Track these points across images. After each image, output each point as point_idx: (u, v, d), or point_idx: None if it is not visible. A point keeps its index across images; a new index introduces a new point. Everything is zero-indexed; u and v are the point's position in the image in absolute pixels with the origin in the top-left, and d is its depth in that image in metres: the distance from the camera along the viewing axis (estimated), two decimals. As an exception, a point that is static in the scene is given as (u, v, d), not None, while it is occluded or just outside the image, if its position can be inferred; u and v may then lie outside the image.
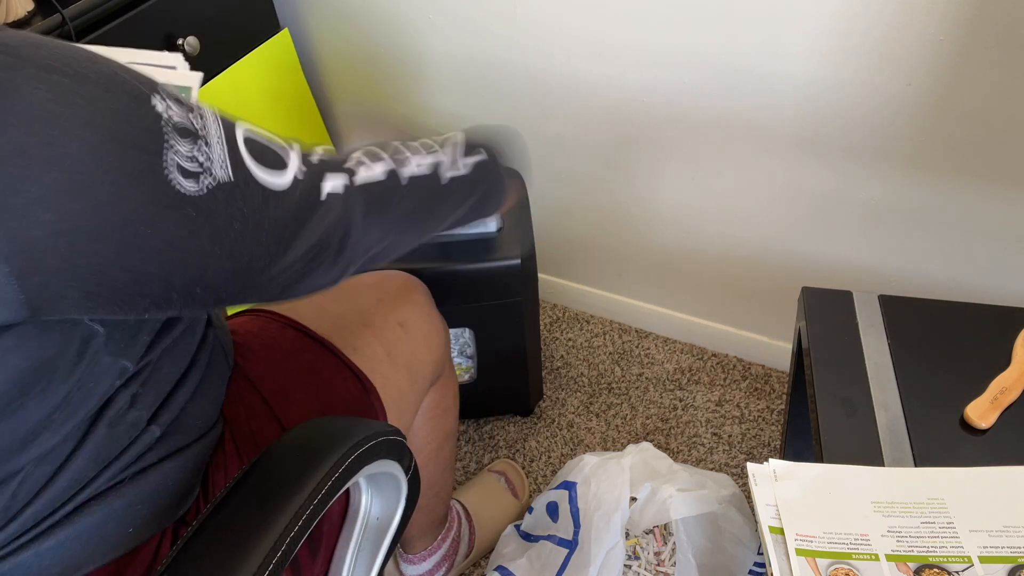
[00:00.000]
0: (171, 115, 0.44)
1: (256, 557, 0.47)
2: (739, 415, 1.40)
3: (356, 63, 1.43)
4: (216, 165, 0.46)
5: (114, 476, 0.56)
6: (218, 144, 0.47)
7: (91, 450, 0.53)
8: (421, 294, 0.93)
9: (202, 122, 0.46)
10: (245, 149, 0.49)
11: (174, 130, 0.44)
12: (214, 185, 0.46)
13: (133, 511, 0.57)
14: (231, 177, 0.47)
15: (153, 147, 0.42)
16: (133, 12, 1.08)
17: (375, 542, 0.69)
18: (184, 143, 0.44)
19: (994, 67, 0.92)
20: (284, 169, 0.52)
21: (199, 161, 0.45)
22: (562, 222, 1.47)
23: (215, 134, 0.47)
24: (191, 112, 0.46)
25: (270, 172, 0.51)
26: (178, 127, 0.44)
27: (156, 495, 0.59)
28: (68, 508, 0.53)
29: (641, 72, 1.15)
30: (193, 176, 0.44)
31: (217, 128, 0.47)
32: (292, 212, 0.52)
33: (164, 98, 0.44)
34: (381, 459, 0.62)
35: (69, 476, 0.52)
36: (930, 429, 0.72)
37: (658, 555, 1.00)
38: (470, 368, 1.29)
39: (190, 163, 0.44)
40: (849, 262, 1.22)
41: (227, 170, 0.47)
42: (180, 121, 0.44)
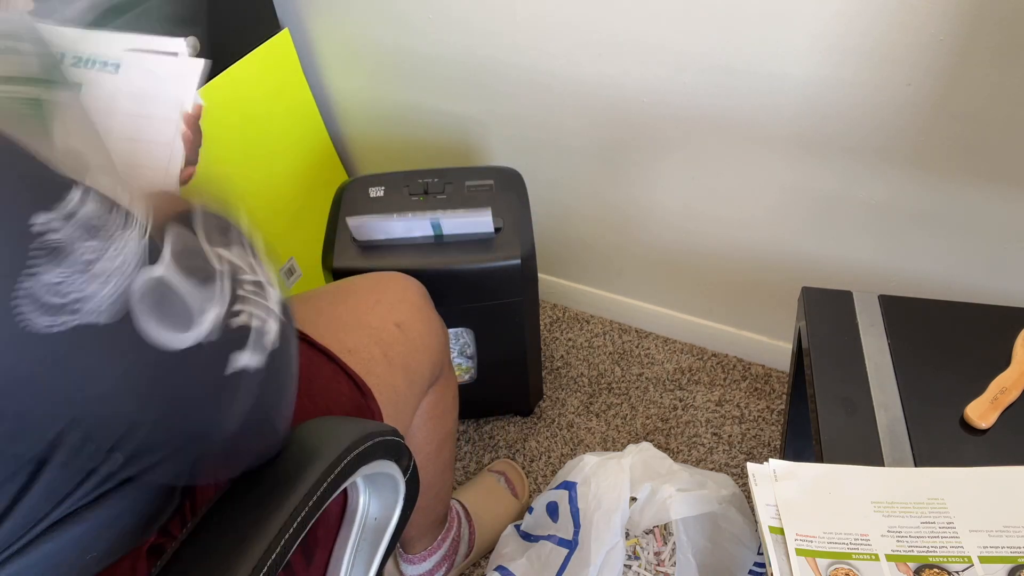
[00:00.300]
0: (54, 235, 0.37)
1: (251, 559, 0.46)
2: (739, 415, 1.40)
3: (356, 63, 1.43)
4: (90, 303, 0.39)
5: (72, 504, 0.51)
6: (104, 282, 0.40)
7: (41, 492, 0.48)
8: (418, 295, 0.92)
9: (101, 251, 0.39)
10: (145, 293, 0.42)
11: (48, 253, 0.37)
12: (74, 326, 0.38)
13: (93, 536, 0.53)
14: (105, 320, 0.40)
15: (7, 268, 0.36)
16: (133, 12, 1.08)
17: (373, 542, 0.69)
18: (56, 270, 0.37)
19: (994, 67, 0.92)
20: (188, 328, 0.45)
21: (64, 295, 0.38)
22: (562, 222, 1.47)
23: (111, 268, 0.40)
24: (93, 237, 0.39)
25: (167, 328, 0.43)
26: (56, 250, 0.37)
27: (121, 517, 0.55)
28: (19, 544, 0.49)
29: (641, 72, 1.15)
30: (53, 311, 0.38)
31: (119, 261, 0.40)
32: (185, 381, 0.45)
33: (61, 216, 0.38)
34: (379, 459, 0.61)
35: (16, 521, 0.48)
36: (930, 429, 0.71)
37: (658, 555, 1.00)
38: (470, 368, 1.29)
39: (54, 296, 0.38)
40: (849, 262, 1.22)
41: (104, 313, 0.40)
42: (63, 243, 0.38)
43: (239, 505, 0.51)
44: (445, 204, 1.15)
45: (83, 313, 0.39)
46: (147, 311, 0.42)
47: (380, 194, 1.19)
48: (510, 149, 1.40)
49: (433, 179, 1.20)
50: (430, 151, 1.50)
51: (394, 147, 1.55)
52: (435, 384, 0.95)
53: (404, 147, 1.54)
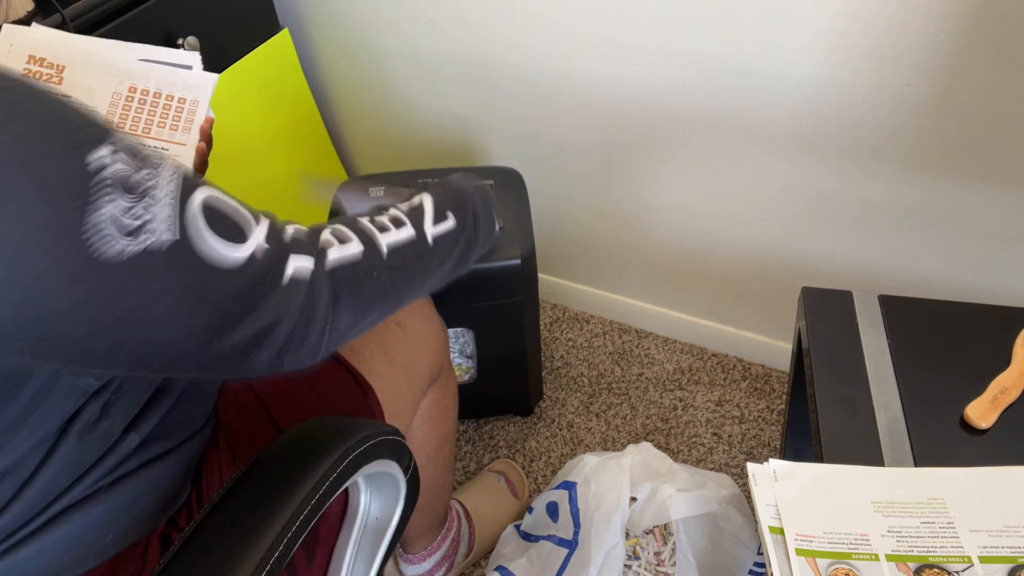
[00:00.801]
0: (114, 169, 0.41)
1: (254, 557, 0.46)
2: (739, 415, 1.40)
3: (356, 63, 1.43)
4: (159, 224, 0.43)
5: (91, 485, 0.54)
6: (168, 204, 0.44)
7: (61, 462, 0.51)
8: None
9: (154, 179, 0.44)
10: (201, 214, 0.46)
11: (114, 185, 0.41)
12: (152, 245, 0.42)
13: (113, 518, 0.55)
14: (175, 239, 0.44)
15: (76, 202, 0.40)
16: (133, 12, 1.08)
17: (374, 542, 0.69)
18: (124, 198, 0.42)
19: (994, 67, 0.92)
20: (242, 243, 0.48)
21: (140, 218, 0.42)
22: (562, 222, 1.47)
23: (167, 193, 0.44)
24: (144, 167, 0.43)
25: (224, 243, 0.47)
26: (121, 181, 0.42)
27: (138, 501, 0.57)
28: (43, 519, 0.52)
29: (641, 72, 1.15)
30: (130, 233, 0.42)
31: (173, 187, 0.44)
32: (243, 289, 0.48)
33: (115, 149, 0.42)
34: (380, 459, 0.62)
35: (38, 489, 0.51)
36: (930, 429, 0.71)
37: (658, 555, 1.00)
38: (470, 368, 1.29)
39: (129, 219, 0.42)
40: (849, 262, 1.22)
41: (173, 232, 0.44)
42: (124, 175, 0.42)
43: (243, 502, 0.52)
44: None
45: (156, 234, 0.43)
46: (207, 228, 0.46)
47: (380, 194, 1.19)
48: (510, 149, 1.40)
49: (433, 179, 1.19)
50: (430, 151, 1.50)
51: (394, 147, 1.55)
52: (435, 383, 0.95)
53: (404, 147, 1.54)
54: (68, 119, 0.42)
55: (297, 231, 0.54)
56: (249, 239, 0.49)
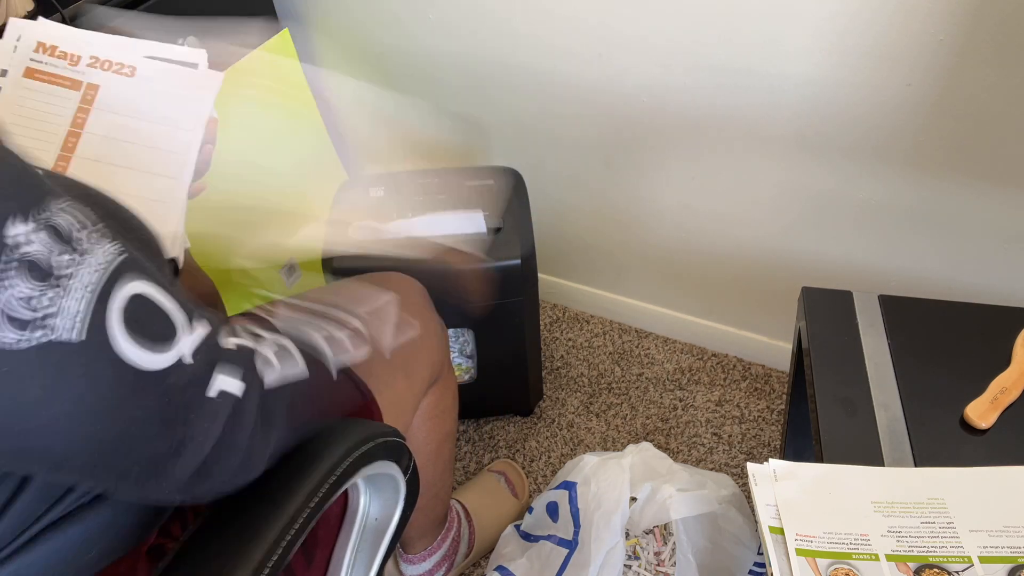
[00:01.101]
0: (28, 248, 0.37)
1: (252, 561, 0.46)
2: (739, 415, 1.40)
3: (356, 63, 1.43)
4: (63, 321, 0.38)
5: (69, 505, 0.51)
6: (81, 296, 0.39)
7: (34, 491, 0.48)
8: (418, 294, 0.92)
9: (73, 267, 0.39)
10: (120, 312, 0.41)
11: (19, 265, 0.37)
12: (46, 342, 0.37)
13: (92, 536, 0.53)
14: (74, 339, 0.39)
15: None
16: (133, 12, 1.08)
17: (374, 543, 0.69)
18: (26, 284, 0.37)
19: (994, 67, 0.92)
20: (165, 349, 0.43)
21: (37, 310, 0.37)
22: (562, 222, 1.47)
23: (84, 284, 0.39)
24: (66, 251, 0.39)
25: (142, 347, 0.42)
26: (29, 262, 0.37)
27: (120, 516, 0.55)
28: (18, 543, 0.50)
29: (641, 72, 1.15)
30: (21, 325, 0.37)
31: (95, 279, 0.40)
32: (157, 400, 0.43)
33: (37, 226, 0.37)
34: (379, 460, 0.62)
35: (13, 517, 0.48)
36: (930, 429, 0.71)
37: (658, 555, 1.00)
38: (470, 368, 1.29)
39: (24, 309, 0.37)
40: (849, 262, 1.22)
41: (76, 331, 0.39)
42: (37, 256, 0.37)
43: (240, 507, 0.51)
44: (445, 204, 1.15)
45: (54, 329, 0.38)
46: (122, 328, 0.41)
47: (380, 194, 1.19)
48: (510, 149, 1.40)
49: (433, 179, 1.20)
50: (430, 151, 1.50)
51: (394, 147, 1.55)
52: (435, 384, 0.95)
53: (404, 147, 1.54)
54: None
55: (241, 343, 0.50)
56: (175, 346, 0.44)
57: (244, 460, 0.49)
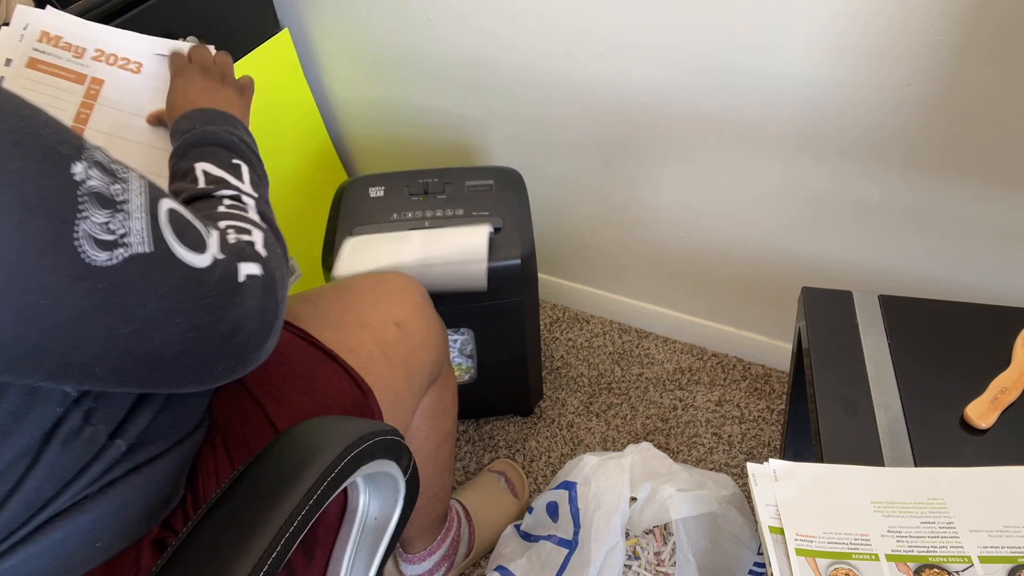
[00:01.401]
0: (91, 183, 0.43)
1: (252, 557, 0.46)
2: (739, 415, 1.40)
3: (356, 63, 1.43)
4: (134, 236, 0.45)
5: (78, 493, 0.54)
6: (139, 216, 0.45)
7: (44, 471, 0.51)
8: (418, 294, 0.92)
9: (125, 192, 0.45)
10: (168, 223, 0.48)
11: (91, 198, 0.42)
12: (128, 256, 0.44)
13: (101, 524, 0.55)
14: (150, 249, 0.45)
15: (63, 214, 0.41)
16: (133, 12, 1.08)
17: (373, 542, 0.69)
18: (101, 212, 0.43)
19: (994, 67, 0.91)
20: (203, 251, 0.50)
21: (115, 231, 0.43)
22: (562, 222, 1.47)
23: (137, 205, 0.45)
24: (115, 181, 0.45)
25: (190, 250, 0.49)
26: (96, 195, 0.43)
27: (127, 506, 0.57)
28: (27, 529, 0.51)
29: (641, 72, 1.15)
30: (107, 246, 0.43)
31: (141, 199, 0.46)
32: (211, 291, 0.50)
33: (89, 164, 0.43)
34: (378, 459, 0.61)
35: (22, 499, 0.50)
36: (930, 429, 0.71)
37: (658, 555, 1.00)
38: (470, 368, 1.29)
39: (105, 233, 0.43)
40: (849, 262, 1.22)
41: (146, 243, 0.45)
42: (99, 189, 0.43)
43: (240, 503, 0.52)
44: (445, 204, 1.15)
45: (131, 246, 0.44)
46: (175, 237, 0.48)
47: (380, 194, 1.19)
48: (510, 149, 1.40)
49: (433, 179, 1.20)
50: (430, 151, 1.50)
51: (394, 147, 1.55)
52: (434, 384, 0.95)
53: (404, 147, 1.54)
54: (45, 135, 0.42)
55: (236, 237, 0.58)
56: (208, 248, 0.51)
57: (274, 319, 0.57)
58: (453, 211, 1.14)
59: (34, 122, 0.42)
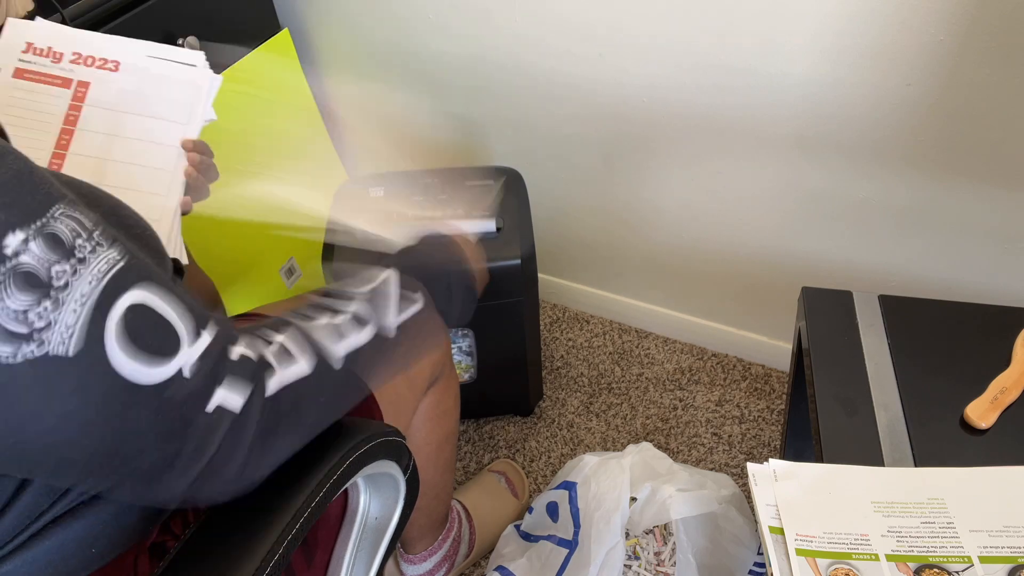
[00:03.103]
0: (22, 258, 0.37)
1: (254, 560, 0.46)
2: (739, 415, 1.40)
3: (356, 63, 1.43)
4: (54, 334, 0.38)
5: (72, 500, 0.51)
6: (76, 308, 0.38)
7: (37, 489, 0.48)
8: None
9: (69, 277, 0.38)
10: (119, 324, 0.40)
11: (14, 276, 0.36)
12: (35, 357, 0.37)
13: (95, 531, 0.53)
14: (68, 353, 0.38)
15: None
16: (133, 12, 1.08)
17: (374, 542, 0.69)
18: (21, 297, 0.37)
19: (994, 67, 0.92)
20: (166, 361, 0.43)
21: (30, 323, 0.37)
22: (562, 222, 1.47)
23: (79, 296, 0.39)
24: (65, 259, 0.38)
25: (141, 360, 0.41)
26: (24, 273, 0.37)
27: (123, 512, 0.55)
28: (23, 536, 0.50)
29: (641, 72, 1.15)
30: (12, 339, 0.36)
31: (89, 289, 0.39)
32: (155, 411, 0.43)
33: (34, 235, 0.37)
34: (379, 460, 0.62)
35: (17, 512, 0.48)
36: (930, 429, 0.71)
37: (658, 555, 1.00)
38: (470, 368, 1.29)
39: (16, 323, 0.37)
40: (849, 262, 1.22)
41: (66, 344, 0.38)
42: (32, 267, 0.37)
43: (241, 506, 0.51)
44: (445, 204, 1.15)
45: (45, 345, 0.37)
46: (122, 342, 0.40)
47: (380, 194, 1.19)
48: (510, 149, 1.40)
49: (433, 179, 1.20)
50: (430, 151, 1.50)
51: (394, 147, 1.55)
52: (435, 384, 0.95)
53: (404, 147, 1.54)
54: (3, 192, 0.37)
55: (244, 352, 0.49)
56: (177, 357, 0.43)
57: (239, 472, 0.48)
58: (453, 211, 1.14)
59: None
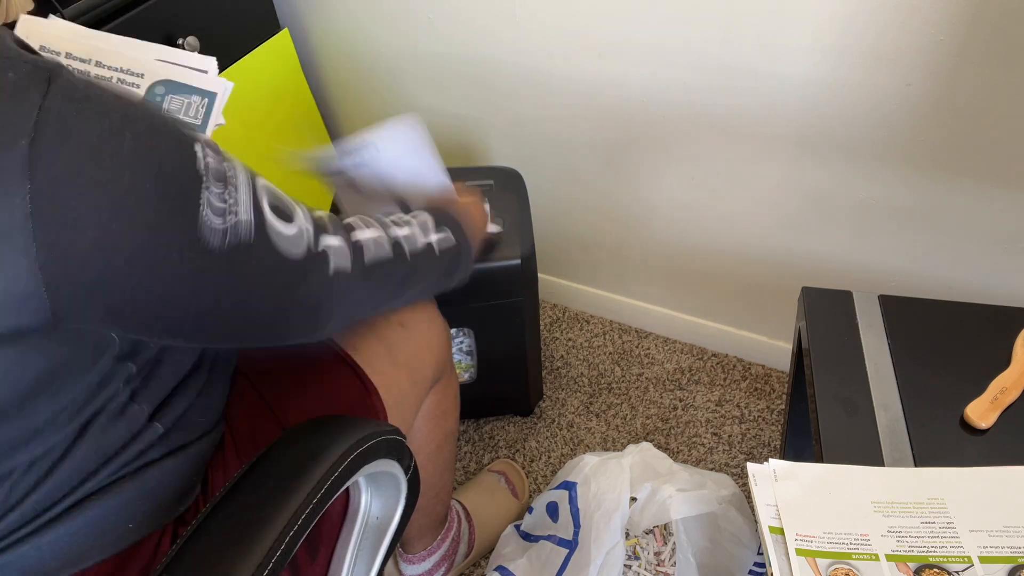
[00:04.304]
0: (209, 161, 0.49)
1: (256, 555, 0.47)
2: (739, 415, 1.40)
3: (356, 63, 1.43)
4: (241, 208, 0.51)
5: (115, 471, 0.57)
6: (244, 190, 0.52)
7: (91, 443, 0.55)
8: (423, 295, 0.93)
9: (233, 170, 0.52)
10: (264, 197, 0.54)
11: (210, 174, 0.49)
12: (236, 224, 0.51)
13: (133, 507, 0.58)
14: (251, 219, 0.52)
15: (192, 186, 0.48)
16: (133, 12, 1.08)
17: (375, 541, 0.69)
18: (217, 186, 0.49)
19: (994, 67, 0.92)
20: (292, 220, 0.57)
21: (227, 203, 0.50)
22: (562, 222, 1.47)
23: (242, 181, 0.52)
24: (224, 160, 0.51)
25: (281, 221, 0.55)
26: (214, 172, 0.49)
27: (156, 491, 0.60)
28: (68, 501, 0.55)
29: (641, 72, 1.15)
30: (221, 215, 0.50)
31: (244, 177, 0.53)
32: (297, 259, 0.56)
33: (204, 145, 0.50)
34: (381, 459, 0.62)
35: (69, 468, 0.54)
36: (930, 429, 0.71)
37: (658, 555, 1.00)
38: (470, 368, 1.29)
39: (220, 203, 0.50)
40: (849, 262, 1.22)
41: (249, 213, 0.52)
42: (216, 166, 0.50)
43: (247, 499, 0.52)
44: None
45: (239, 216, 0.51)
46: (270, 209, 0.55)
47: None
48: (510, 149, 1.40)
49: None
50: (430, 151, 1.50)
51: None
52: (437, 385, 0.95)
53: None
54: (170, 120, 0.50)
55: (324, 215, 0.63)
56: (295, 219, 0.57)
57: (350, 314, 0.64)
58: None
59: (159, 110, 0.50)
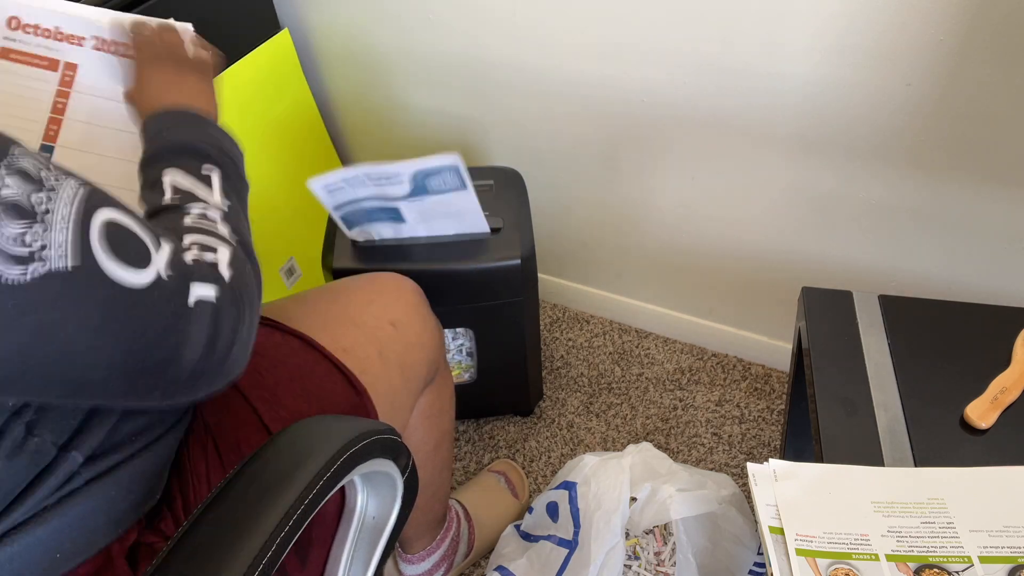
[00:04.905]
0: (5, 192, 0.40)
1: (244, 560, 0.46)
2: (739, 415, 1.40)
3: (356, 63, 1.43)
4: (53, 251, 0.41)
5: (34, 506, 0.52)
6: (62, 227, 0.42)
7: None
8: (413, 294, 0.92)
9: (49, 202, 0.42)
10: (101, 236, 0.44)
11: (4, 207, 0.40)
12: (44, 272, 0.41)
13: (61, 536, 0.53)
14: (67, 267, 0.42)
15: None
16: (132, 12, 1.08)
17: (371, 542, 0.69)
18: (14, 224, 0.40)
19: (994, 67, 0.91)
20: (145, 267, 0.47)
21: (30, 244, 0.41)
22: (562, 222, 1.47)
23: (63, 216, 0.42)
24: (39, 189, 0.42)
25: (126, 266, 0.45)
26: (12, 205, 0.40)
27: (87, 517, 0.55)
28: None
29: (641, 72, 1.15)
30: (21, 261, 0.40)
31: (69, 209, 0.43)
32: (147, 312, 0.47)
33: (8, 171, 0.41)
34: (375, 458, 0.61)
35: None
36: (930, 429, 0.71)
37: (658, 555, 1.00)
38: (470, 367, 1.29)
39: (19, 246, 0.40)
40: (849, 262, 1.22)
41: (65, 259, 0.42)
42: (15, 199, 0.40)
43: (232, 506, 0.51)
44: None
45: (49, 260, 0.41)
46: (106, 251, 0.45)
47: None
48: (510, 149, 1.40)
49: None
50: (430, 151, 1.50)
51: (394, 147, 1.55)
52: (431, 383, 0.95)
53: (404, 147, 1.54)
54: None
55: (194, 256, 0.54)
56: (152, 265, 0.48)
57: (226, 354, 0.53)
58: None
59: None
